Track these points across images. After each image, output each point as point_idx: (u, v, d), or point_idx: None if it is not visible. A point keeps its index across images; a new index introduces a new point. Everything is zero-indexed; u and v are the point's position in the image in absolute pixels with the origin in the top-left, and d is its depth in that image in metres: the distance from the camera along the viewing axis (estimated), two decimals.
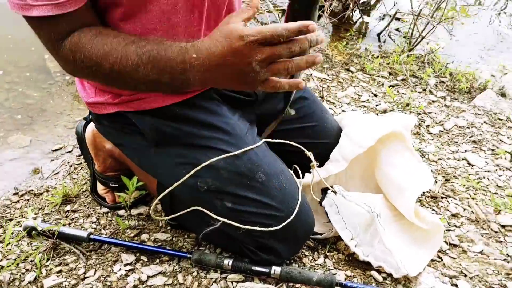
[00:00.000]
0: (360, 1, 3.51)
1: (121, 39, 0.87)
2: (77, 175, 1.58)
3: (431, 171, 1.74)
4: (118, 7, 0.92)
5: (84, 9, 0.86)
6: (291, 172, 1.22)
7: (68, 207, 1.41)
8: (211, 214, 1.08)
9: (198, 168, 1.06)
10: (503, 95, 2.45)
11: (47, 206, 1.41)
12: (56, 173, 1.59)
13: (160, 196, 1.14)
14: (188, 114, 1.10)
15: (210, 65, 0.81)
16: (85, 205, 1.42)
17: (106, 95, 1.10)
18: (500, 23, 4.14)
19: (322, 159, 1.32)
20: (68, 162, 1.65)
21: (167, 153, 1.12)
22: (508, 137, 2.08)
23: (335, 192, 1.27)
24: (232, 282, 1.14)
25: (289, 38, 0.76)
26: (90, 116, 1.34)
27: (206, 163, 1.06)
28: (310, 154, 1.22)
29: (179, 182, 1.08)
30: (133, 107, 1.09)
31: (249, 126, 1.19)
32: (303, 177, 1.27)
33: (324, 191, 1.29)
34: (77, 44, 0.87)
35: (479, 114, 2.25)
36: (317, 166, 1.26)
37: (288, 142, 1.23)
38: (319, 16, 2.84)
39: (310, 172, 1.27)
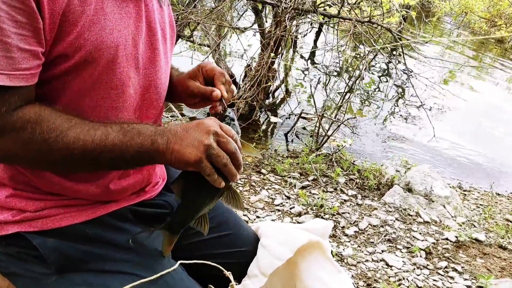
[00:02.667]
0: (266, 102, 3.61)
1: (83, 117, 0.87)
2: None
3: (352, 276, 1.68)
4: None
5: (34, 86, 0.84)
6: None
7: None
8: None
9: None
10: (409, 190, 2.53)
11: None
12: None
13: None
14: (99, 234, 0.98)
15: (177, 130, 0.87)
16: None
17: (5, 213, 0.96)
18: (394, 118, 4.45)
19: (241, 268, 1.22)
20: None
21: (71, 281, 0.96)
22: (420, 233, 2.10)
23: None
24: None
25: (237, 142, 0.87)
26: None
27: None
28: (229, 274, 1.12)
29: None
30: (37, 226, 0.96)
31: None
32: None
33: None
34: (39, 115, 0.83)
35: (390, 211, 2.28)
36: (236, 280, 1.15)
37: (205, 262, 1.13)
38: None
39: None
